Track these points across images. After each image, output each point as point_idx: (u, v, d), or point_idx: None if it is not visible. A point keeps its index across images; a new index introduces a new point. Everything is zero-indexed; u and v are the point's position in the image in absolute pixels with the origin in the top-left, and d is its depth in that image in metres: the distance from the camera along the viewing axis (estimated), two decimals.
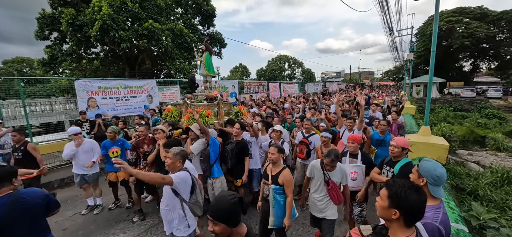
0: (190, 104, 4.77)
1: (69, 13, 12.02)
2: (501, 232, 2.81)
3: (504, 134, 14.59)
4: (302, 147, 4.23)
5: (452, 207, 3.07)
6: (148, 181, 2.40)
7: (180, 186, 2.36)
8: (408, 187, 1.19)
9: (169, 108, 5.10)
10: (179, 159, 2.45)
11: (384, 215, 1.26)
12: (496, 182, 5.74)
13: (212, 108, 4.78)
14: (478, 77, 38.50)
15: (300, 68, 51.69)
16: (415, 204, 1.16)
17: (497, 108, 20.52)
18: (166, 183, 2.28)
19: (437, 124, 15.64)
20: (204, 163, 3.72)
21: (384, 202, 1.23)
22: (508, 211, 4.13)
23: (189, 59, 17.93)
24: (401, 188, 1.18)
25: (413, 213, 1.19)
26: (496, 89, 25.64)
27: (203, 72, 5.24)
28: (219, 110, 4.93)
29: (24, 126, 6.60)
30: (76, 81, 7.69)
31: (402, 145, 2.65)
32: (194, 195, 2.48)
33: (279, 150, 2.67)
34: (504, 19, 27.96)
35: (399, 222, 1.20)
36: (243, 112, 5.15)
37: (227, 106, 5.38)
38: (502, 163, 9.67)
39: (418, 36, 32.49)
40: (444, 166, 5.20)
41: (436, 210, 1.58)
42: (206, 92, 5.24)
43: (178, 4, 17.77)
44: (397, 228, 1.22)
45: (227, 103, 5.46)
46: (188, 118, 4.37)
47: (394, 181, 1.26)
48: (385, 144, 3.91)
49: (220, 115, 4.91)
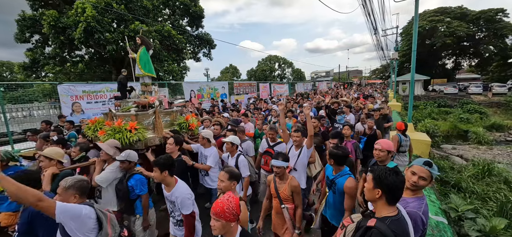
0: (116, 114, 3.77)
1: (51, 14, 11.63)
2: (477, 222, 2.95)
3: (485, 128, 15.32)
4: (267, 157, 3.62)
5: (433, 201, 3.20)
6: (14, 195, 1.49)
7: (68, 221, 1.64)
8: (388, 170, 1.45)
9: (93, 120, 3.96)
10: (74, 193, 1.81)
11: (370, 196, 1.50)
12: (478, 175, 6.02)
13: (145, 118, 3.73)
14: (460, 74, 40.10)
15: (290, 68, 52.08)
16: (394, 183, 1.39)
17: (478, 104, 21.45)
18: (44, 208, 1.54)
19: (422, 120, 16.19)
20: (121, 199, 2.77)
21: (370, 184, 1.49)
22: (489, 202, 4.35)
23: (177, 61, 17.73)
24: (382, 171, 1.45)
25: (393, 192, 1.41)
26: (477, 85, 26.75)
27: (138, 72, 4.13)
28: (157, 121, 3.76)
29: (4, 133, 6.34)
30: (59, 85, 7.44)
31: (387, 148, 2.52)
32: (101, 234, 1.81)
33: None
34: (482, 18, 29.22)
35: (382, 200, 1.44)
36: (191, 123, 4.21)
37: (171, 115, 4.27)
38: (483, 156, 10.15)
39: (403, 35, 33.46)
40: None
41: (420, 202, 1.78)
42: (142, 97, 4.11)
43: (166, 5, 17.56)
44: (381, 207, 1.45)
45: (170, 111, 4.31)
46: (104, 134, 3.35)
47: (378, 167, 1.54)
48: (335, 189, 2.40)
49: (158, 128, 3.74)
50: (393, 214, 1.41)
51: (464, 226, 2.92)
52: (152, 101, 3.98)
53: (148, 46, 4.25)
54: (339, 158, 2.35)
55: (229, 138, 3.27)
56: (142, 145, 3.42)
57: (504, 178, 5.75)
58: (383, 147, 2.53)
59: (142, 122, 3.63)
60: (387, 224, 1.35)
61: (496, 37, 28.73)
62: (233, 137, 3.34)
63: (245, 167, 3.17)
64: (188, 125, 4.14)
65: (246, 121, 5.73)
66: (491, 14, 28.62)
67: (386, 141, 2.62)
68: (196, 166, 3.43)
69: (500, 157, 10.39)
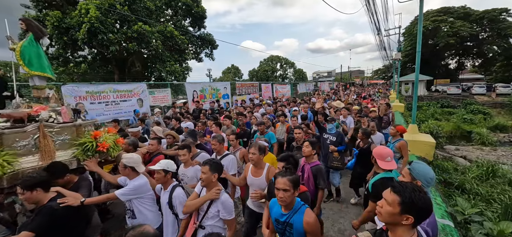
0: None
1: (55, 15, 11.72)
2: (484, 225, 2.92)
3: (488, 129, 15.21)
4: None
5: (438, 203, 3.17)
6: None
7: None
8: (418, 191, 1.16)
9: None
10: None
11: (392, 221, 1.21)
12: (482, 176, 5.96)
13: (21, 138, 2.55)
14: (463, 74, 39.81)
15: (292, 68, 52.04)
16: (428, 207, 1.15)
17: (482, 104, 21.31)
18: None
19: (425, 121, 16.10)
20: None
21: (395, 208, 1.17)
22: (494, 203, 4.30)
23: (180, 62, 17.78)
24: (414, 193, 1.14)
25: (424, 216, 1.18)
26: (480, 86, 26.59)
27: (23, 71, 2.97)
28: (43, 141, 2.62)
29: None
30: (63, 86, 7.49)
31: (378, 157, 2.36)
32: None
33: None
34: (486, 18, 28.99)
35: (407, 225, 1.17)
36: (103, 140, 2.96)
37: (73, 130, 2.94)
38: (487, 157, 10.07)
39: (406, 36, 33.29)
40: (431, 162, 5.30)
41: None
42: (24, 106, 2.98)
43: (168, 6, 17.62)
44: (403, 232, 1.19)
45: (72, 126, 2.95)
46: None
47: (402, 185, 1.21)
48: (291, 233, 1.79)
49: (45, 150, 2.62)
50: None
51: (471, 230, 2.90)
52: (36, 112, 2.79)
53: (38, 33, 3.05)
54: None
55: (160, 165, 2.37)
56: (8, 181, 2.35)
57: (508, 179, 5.69)
58: (374, 155, 2.39)
59: (12, 144, 2.50)
60: None
61: (500, 37, 28.48)
62: (166, 162, 2.43)
63: (180, 205, 2.30)
64: (96, 145, 2.88)
65: (216, 130, 4.59)
66: (495, 14, 28.38)
67: (380, 149, 2.41)
68: None
69: (504, 158, 10.30)
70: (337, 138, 4.17)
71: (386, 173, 2.30)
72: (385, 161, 2.32)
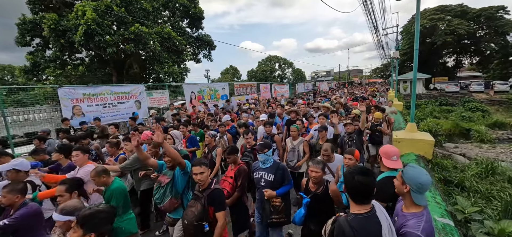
0: None
1: (51, 18, 11.65)
2: (485, 224, 2.90)
3: (487, 126, 15.24)
4: None
5: (438, 202, 3.14)
6: None
7: None
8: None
9: None
10: None
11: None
12: (481, 173, 5.94)
13: None
14: (461, 72, 39.96)
15: (291, 68, 52.10)
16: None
17: (480, 102, 21.36)
18: None
19: (424, 119, 16.11)
20: None
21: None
22: (493, 201, 4.29)
23: (178, 63, 17.73)
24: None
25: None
26: (478, 83, 26.64)
27: None
28: None
29: (4, 137, 6.32)
30: (59, 89, 7.43)
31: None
32: None
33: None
34: (483, 16, 29.14)
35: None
36: None
37: None
38: (486, 154, 10.08)
39: (403, 34, 33.38)
40: (431, 161, 5.24)
41: (418, 219, 1.56)
42: None
43: (165, 7, 17.57)
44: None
45: None
46: None
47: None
48: None
49: None
50: (365, 211, 1.50)
51: (471, 229, 2.87)
52: None
53: None
54: None
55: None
56: None
57: (508, 176, 5.67)
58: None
59: None
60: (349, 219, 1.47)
61: (497, 35, 28.64)
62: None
63: None
64: None
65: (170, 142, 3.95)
66: (492, 11, 28.53)
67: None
68: None
69: (503, 155, 10.31)
70: (276, 174, 2.61)
71: (391, 172, 2.23)
72: (390, 160, 2.26)
